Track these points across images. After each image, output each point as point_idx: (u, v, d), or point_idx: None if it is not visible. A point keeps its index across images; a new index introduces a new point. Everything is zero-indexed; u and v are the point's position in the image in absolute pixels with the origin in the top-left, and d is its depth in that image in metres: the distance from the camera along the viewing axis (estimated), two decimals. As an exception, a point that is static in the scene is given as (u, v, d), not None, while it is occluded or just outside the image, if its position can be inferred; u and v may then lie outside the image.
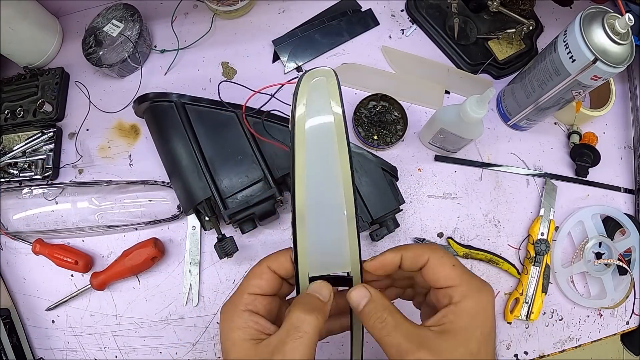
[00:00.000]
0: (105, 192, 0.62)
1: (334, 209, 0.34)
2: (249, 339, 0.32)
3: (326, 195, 0.34)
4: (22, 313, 0.61)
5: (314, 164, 0.33)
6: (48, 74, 0.67)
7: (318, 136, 0.33)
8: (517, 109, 0.62)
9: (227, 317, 0.33)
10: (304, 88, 0.33)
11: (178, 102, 0.55)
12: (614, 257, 0.58)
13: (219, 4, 0.66)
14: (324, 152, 0.33)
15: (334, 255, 0.35)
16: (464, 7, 0.68)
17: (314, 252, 0.34)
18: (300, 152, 0.33)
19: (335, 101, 0.33)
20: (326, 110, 0.33)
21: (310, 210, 0.34)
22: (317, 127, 0.33)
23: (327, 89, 0.33)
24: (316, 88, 0.33)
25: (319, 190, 0.34)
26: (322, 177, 0.34)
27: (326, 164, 0.33)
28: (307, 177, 0.33)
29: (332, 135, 0.33)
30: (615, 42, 0.46)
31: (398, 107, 0.63)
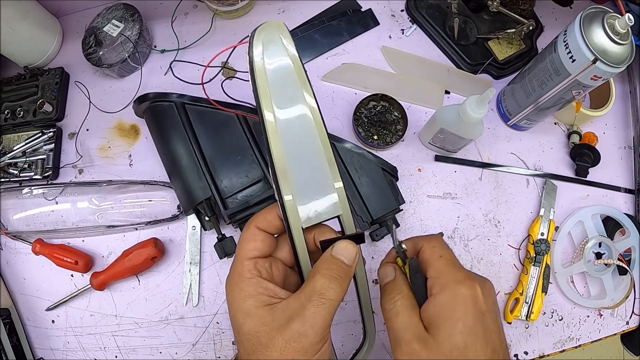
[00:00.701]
0: (105, 192, 0.62)
1: (313, 153, 0.33)
2: (263, 306, 0.31)
3: (301, 139, 0.33)
4: (22, 313, 0.61)
5: (282, 111, 0.32)
6: (48, 74, 0.67)
7: (280, 80, 0.32)
8: (517, 109, 0.62)
9: (234, 289, 0.32)
10: (258, 39, 0.32)
11: (178, 102, 0.55)
12: (614, 257, 0.58)
13: (219, 4, 0.66)
14: (290, 95, 0.32)
15: (322, 202, 0.34)
16: (464, 7, 0.68)
17: (302, 202, 0.33)
18: (266, 100, 0.32)
19: (289, 43, 0.32)
20: (282, 53, 0.32)
21: (289, 159, 0.33)
22: (278, 70, 0.32)
23: (279, 36, 0.32)
24: (268, 37, 0.32)
25: (293, 135, 0.33)
26: (294, 122, 0.33)
27: (295, 108, 0.33)
28: (278, 126, 0.32)
29: (294, 75, 0.32)
30: (615, 42, 0.46)
31: (398, 107, 0.63)
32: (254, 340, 0.30)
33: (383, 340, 0.58)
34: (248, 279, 0.32)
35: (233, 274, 0.33)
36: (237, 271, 0.33)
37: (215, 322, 0.59)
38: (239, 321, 0.31)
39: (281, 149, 0.32)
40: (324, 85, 0.66)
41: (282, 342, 0.29)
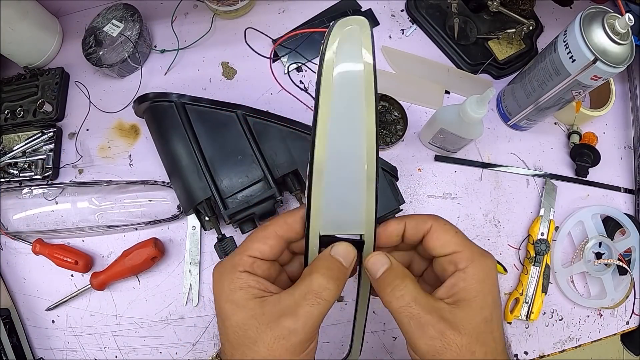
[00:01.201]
0: (105, 192, 0.62)
1: (354, 165, 0.31)
2: (254, 298, 0.30)
3: (348, 149, 0.31)
4: (22, 313, 0.61)
5: (338, 115, 0.31)
6: (48, 74, 0.67)
7: (345, 85, 0.30)
8: (517, 109, 0.62)
9: (225, 278, 0.31)
10: (335, 34, 0.30)
11: (178, 102, 0.55)
12: (614, 257, 0.58)
13: (219, 4, 0.66)
14: (350, 103, 0.31)
15: (349, 215, 0.32)
16: (464, 7, 0.68)
17: (329, 208, 0.32)
18: (325, 100, 0.30)
19: (367, 49, 0.30)
20: (356, 58, 0.30)
21: (329, 163, 0.31)
22: (346, 74, 0.30)
23: (359, 37, 0.30)
24: (348, 35, 0.30)
25: (341, 143, 0.31)
26: (345, 130, 0.31)
27: (351, 117, 0.31)
28: (329, 128, 0.30)
29: (360, 85, 0.30)
30: (615, 42, 0.46)
31: (398, 107, 0.63)
32: (241, 334, 0.29)
33: (383, 340, 0.58)
34: (239, 272, 0.31)
35: (226, 263, 0.32)
36: (232, 262, 0.32)
37: (215, 322, 0.59)
38: (227, 312, 0.30)
39: (325, 150, 0.31)
40: (324, 85, 0.66)
41: (271, 338, 0.28)
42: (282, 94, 0.66)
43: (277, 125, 0.56)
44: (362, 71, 0.30)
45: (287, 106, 0.65)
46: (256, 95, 0.66)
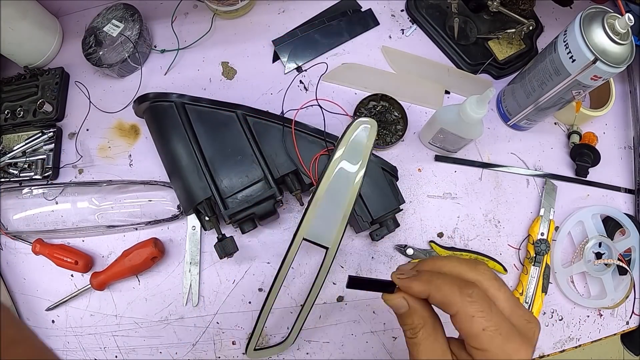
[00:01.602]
0: (105, 192, 0.62)
1: (338, 209, 0.49)
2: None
3: (337, 192, 0.48)
4: (22, 313, 0.61)
5: (333, 186, 0.48)
6: (48, 74, 0.67)
7: (340, 177, 0.48)
8: (517, 109, 0.62)
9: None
10: (349, 135, 0.49)
11: (178, 102, 0.55)
12: (614, 257, 0.58)
13: (219, 4, 0.66)
14: (341, 186, 0.48)
15: (325, 235, 0.49)
16: (464, 7, 0.68)
17: (315, 224, 0.48)
18: (325, 180, 0.48)
19: (364, 158, 0.49)
20: (356, 162, 0.49)
21: (324, 200, 0.49)
22: (343, 171, 0.48)
23: (365, 145, 0.49)
24: (358, 140, 0.49)
25: (327, 207, 0.48)
26: (335, 193, 0.48)
27: (339, 193, 0.48)
28: (324, 189, 0.48)
29: (350, 183, 0.48)
30: (615, 42, 0.46)
31: (398, 107, 0.63)
32: None
33: (383, 340, 0.58)
34: None
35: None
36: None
37: (215, 322, 0.59)
38: None
39: (323, 190, 0.48)
40: (324, 85, 0.66)
41: None
42: (282, 94, 0.66)
43: (277, 125, 0.56)
44: (355, 174, 0.49)
45: (287, 106, 0.65)
46: (256, 95, 0.66)
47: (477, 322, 0.29)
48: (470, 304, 0.29)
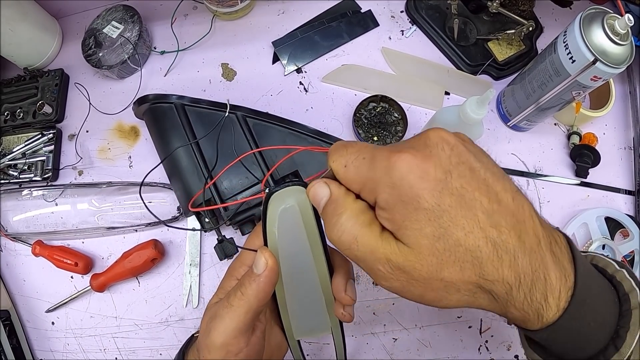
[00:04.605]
0: (105, 193, 0.62)
1: (313, 295, 0.35)
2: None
3: (304, 287, 0.35)
4: (22, 315, 0.61)
5: (286, 258, 0.33)
6: (48, 75, 0.67)
7: (293, 261, 0.33)
8: (517, 109, 0.61)
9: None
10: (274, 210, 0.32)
11: (178, 104, 0.55)
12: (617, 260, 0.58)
13: (218, 5, 0.66)
14: (299, 268, 0.34)
15: (317, 323, 0.36)
16: (464, 8, 0.68)
17: (300, 321, 0.36)
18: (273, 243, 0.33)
19: (311, 225, 0.32)
20: (301, 233, 0.32)
21: (291, 299, 0.35)
22: (290, 242, 0.33)
23: (299, 220, 0.32)
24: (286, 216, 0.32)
25: (295, 276, 0.34)
26: (295, 269, 0.34)
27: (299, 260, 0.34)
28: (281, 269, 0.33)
29: (307, 246, 0.33)
30: (615, 42, 0.46)
31: (398, 108, 0.63)
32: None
33: (383, 341, 0.58)
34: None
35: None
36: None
37: (215, 324, 0.59)
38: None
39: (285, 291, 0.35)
40: (323, 87, 0.66)
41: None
42: (281, 95, 0.66)
43: (277, 127, 0.56)
44: (308, 248, 0.33)
45: (287, 107, 0.65)
46: (256, 97, 0.66)
47: (337, 161, 0.28)
48: (334, 163, 0.28)
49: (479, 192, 0.24)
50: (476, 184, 0.24)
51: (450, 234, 0.23)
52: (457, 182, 0.24)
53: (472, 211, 0.24)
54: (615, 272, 0.27)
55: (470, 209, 0.24)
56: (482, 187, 0.24)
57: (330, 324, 0.36)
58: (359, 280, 0.59)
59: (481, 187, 0.24)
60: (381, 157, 0.26)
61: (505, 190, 0.25)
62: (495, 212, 0.24)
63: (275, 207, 0.32)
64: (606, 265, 0.28)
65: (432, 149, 0.25)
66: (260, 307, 0.31)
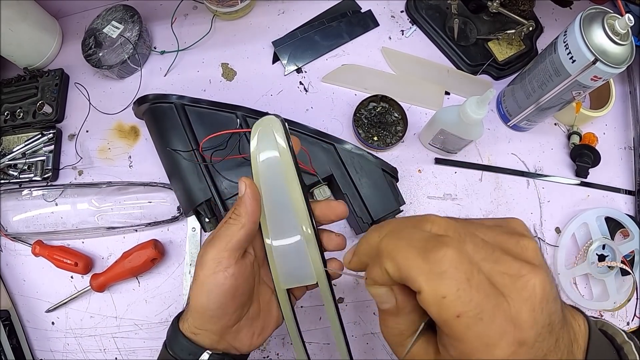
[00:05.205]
0: (105, 193, 0.62)
1: (294, 233, 0.37)
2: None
3: (284, 222, 0.37)
4: (21, 315, 0.61)
5: (269, 191, 0.37)
6: (48, 75, 0.67)
7: (270, 168, 0.37)
8: (517, 109, 0.61)
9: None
10: (255, 130, 0.37)
11: (178, 104, 0.55)
12: (617, 260, 0.58)
13: (218, 5, 0.66)
14: (276, 182, 0.37)
15: (303, 271, 0.38)
16: (464, 8, 0.68)
17: (286, 270, 0.38)
18: (257, 181, 0.37)
19: (280, 136, 0.36)
20: (272, 146, 0.37)
21: (274, 237, 0.37)
22: (267, 160, 0.37)
23: (272, 129, 0.37)
24: (264, 130, 0.37)
25: (278, 218, 0.37)
26: (279, 205, 0.37)
27: (280, 192, 0.37)
28: (265, 204, 0.37)
29: (281, 167, 0.36)
30: (615, 42, 0.46)
31: (398, 108, 0.63)
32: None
33: (383, 341, 0.58)
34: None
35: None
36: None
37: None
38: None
39: (268, 227, 0.37)
40: (324, 87, 0.66)
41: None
42: (282, 95, 0.66)
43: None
44: (278, 156, 0.36)
45: (287, 107, 0.65)
46: (256, 97, 0.66)
47: (448, 305, 0.21)
48: (440, 278, 0.21)
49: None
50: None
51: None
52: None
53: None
54: (624, 343, 0.27)
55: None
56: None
57: (315, 276, 0.38)
58: (359, 280, 0.59)
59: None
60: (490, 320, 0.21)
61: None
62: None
63: (254, 141, 0.37)
64: (615, 333, 0.28)
65: None
66: (251, 226, 0.35)
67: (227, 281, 0.34)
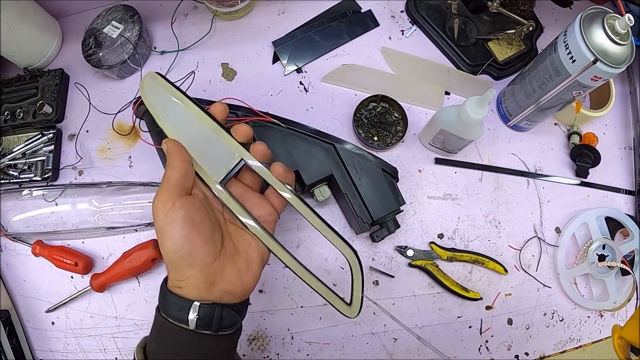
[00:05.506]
0: (105, 193, 0.62)
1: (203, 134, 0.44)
2: None
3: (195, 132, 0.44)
4: (22, 315, 0.61)
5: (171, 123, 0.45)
6: (48, 75, 0.67)
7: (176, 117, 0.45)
8: (517, 109, 0.61)
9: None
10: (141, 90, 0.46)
11: (178, 104, 0.55)
12: (618, 260, 0.58)
13: (218, 5, 0.66)
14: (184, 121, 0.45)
15: (226, 159, 0.44)
16: (464, 8, 0.68)
17: (210, 165, 0.43)
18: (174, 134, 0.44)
19: (167, 89, 0.46)
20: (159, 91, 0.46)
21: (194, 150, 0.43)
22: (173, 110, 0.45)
23: (157, 82, 0.46)
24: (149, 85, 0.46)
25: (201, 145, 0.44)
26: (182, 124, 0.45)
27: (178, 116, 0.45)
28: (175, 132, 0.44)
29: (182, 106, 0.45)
30: (615, 42, 0.46)
31: (398, 108, 0.63)
32: None
33: (383, 341, 0.58)
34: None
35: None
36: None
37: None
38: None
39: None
40: (324, 87, 0.66)
41: None
42: (282, 95, 0.66)
43: (277, 127, 0.56)
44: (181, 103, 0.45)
45: (287, 107, 0.65)
46: (256, 97, 0.66)
47: None
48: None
49: None
50: None
51: None
52: None
53: None
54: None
55: None
56: None
57: (236, 153, 0.43)
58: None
59: None
60: None
61: None
62: None
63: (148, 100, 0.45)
64: None
65: None
66: (180, 164, 0.39)
67: (178, 214, 0.36)
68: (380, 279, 0.60)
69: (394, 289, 0.60)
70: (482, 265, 0.60)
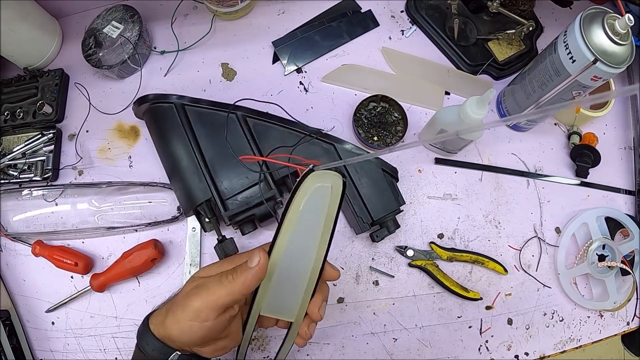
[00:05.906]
0: (105, 193, 0.62)
1: (302, 270, 0.39)
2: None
3: (300, 257, 0.39)
4: (22, 315, 0.61)
5: (295, 243, 0.38)
6: (48, 75, 0.67)
7: (296, 251, 0.38)
8: (517, 109, 0.62)
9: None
10: (312, 184, 0.37)
11: (178, 104, 0.55)
12: (618, 260, 0.58)
13: (218, 5, 0.66)
14: (298, 260, 0.39)
15: (287, 305, 0.40)
16: (464, 8, 0.68)
17: (273, 296, 0.40)
18: (276, 254, 0.38)
19: (326, 229, 0.37)
20: (313, 234, 0.38)
21: (282, 263, 0.39)
22: (298, 246, 0.38)
23: (325, 212, 0.37)
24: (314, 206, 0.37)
25: (296, 250, 0.38)
26: (298, 254, 0.38)
27: (306, 249, 0.38)
28: (285, 249, 0.38)
29: (309, 258, 0.38)
30: (615, 42, 0.46)
31: (398, 108, 0.63)
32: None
33: (383, 341, 0.58)
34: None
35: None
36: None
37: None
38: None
39: (281, 252, 0.38)
40: (324, 87, 0.66)
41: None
42: (282, 95, 0.66)
43: (277, 127, 0.56)
44: (322, 224, 0.37)
45: (287, 107, 0.65)
46: (256, 97, 0.66)
47: None
48: None
49: None
50: None
51: None
52: None
53: None
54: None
55: None
56: None
57: (296, 315, 0.40)
58: (359, 280, 0.59)
59: None
60: None
61: None
62: None
63: (310, 184, 0.36)
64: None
65: None
66: (241, 295, 0.36)
67: (201, 331, 0.37)
68: (380, 279, 0.60)
69: (394, 289, 0.60)
70: (482, 265, 0.60)
